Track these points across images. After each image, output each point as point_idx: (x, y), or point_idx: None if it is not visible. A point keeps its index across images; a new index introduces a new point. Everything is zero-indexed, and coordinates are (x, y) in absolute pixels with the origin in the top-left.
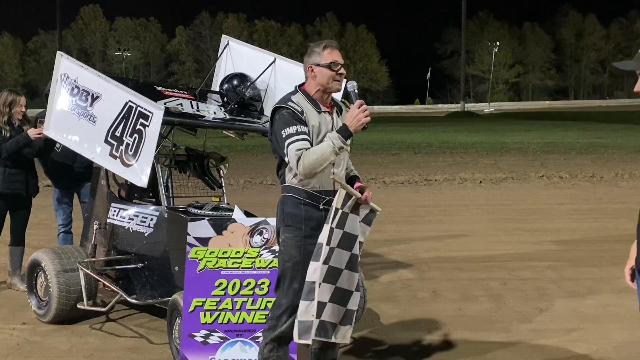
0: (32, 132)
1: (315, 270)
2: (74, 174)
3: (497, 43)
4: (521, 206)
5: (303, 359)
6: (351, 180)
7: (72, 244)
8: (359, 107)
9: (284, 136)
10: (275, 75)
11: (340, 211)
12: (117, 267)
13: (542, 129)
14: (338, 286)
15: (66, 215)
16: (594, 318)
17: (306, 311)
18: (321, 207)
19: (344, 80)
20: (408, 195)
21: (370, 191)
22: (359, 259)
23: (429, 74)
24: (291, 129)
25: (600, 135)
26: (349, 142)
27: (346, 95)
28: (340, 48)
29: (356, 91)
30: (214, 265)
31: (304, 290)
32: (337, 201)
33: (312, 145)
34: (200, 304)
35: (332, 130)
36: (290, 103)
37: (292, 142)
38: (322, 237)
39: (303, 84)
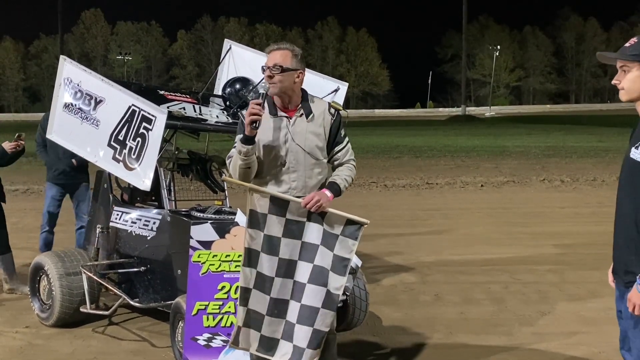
0: (7, 146)
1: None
2: (71, 166)
3: (498, 47)
4: (522, 210)
5: None
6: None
7: (52, 245)
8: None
9: None
10: None
11: (257, 213)
12: (119, 270)
13: (543, 132)
14: (272, 296)
15: (52, 217)
16: (596, 321)
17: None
18: None
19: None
20: (409, 198)
21: (316, 199)
22: (345, 275)
23: (429, 77)
24: (236, 138)
25: (601, 139)
26: (250, 146)
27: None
28: (287, 47)
29: (261, 92)
30: (216, 269)
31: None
32: (248, 202)
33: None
34: (203, 307)
35: (287, 134)
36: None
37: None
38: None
39: None
